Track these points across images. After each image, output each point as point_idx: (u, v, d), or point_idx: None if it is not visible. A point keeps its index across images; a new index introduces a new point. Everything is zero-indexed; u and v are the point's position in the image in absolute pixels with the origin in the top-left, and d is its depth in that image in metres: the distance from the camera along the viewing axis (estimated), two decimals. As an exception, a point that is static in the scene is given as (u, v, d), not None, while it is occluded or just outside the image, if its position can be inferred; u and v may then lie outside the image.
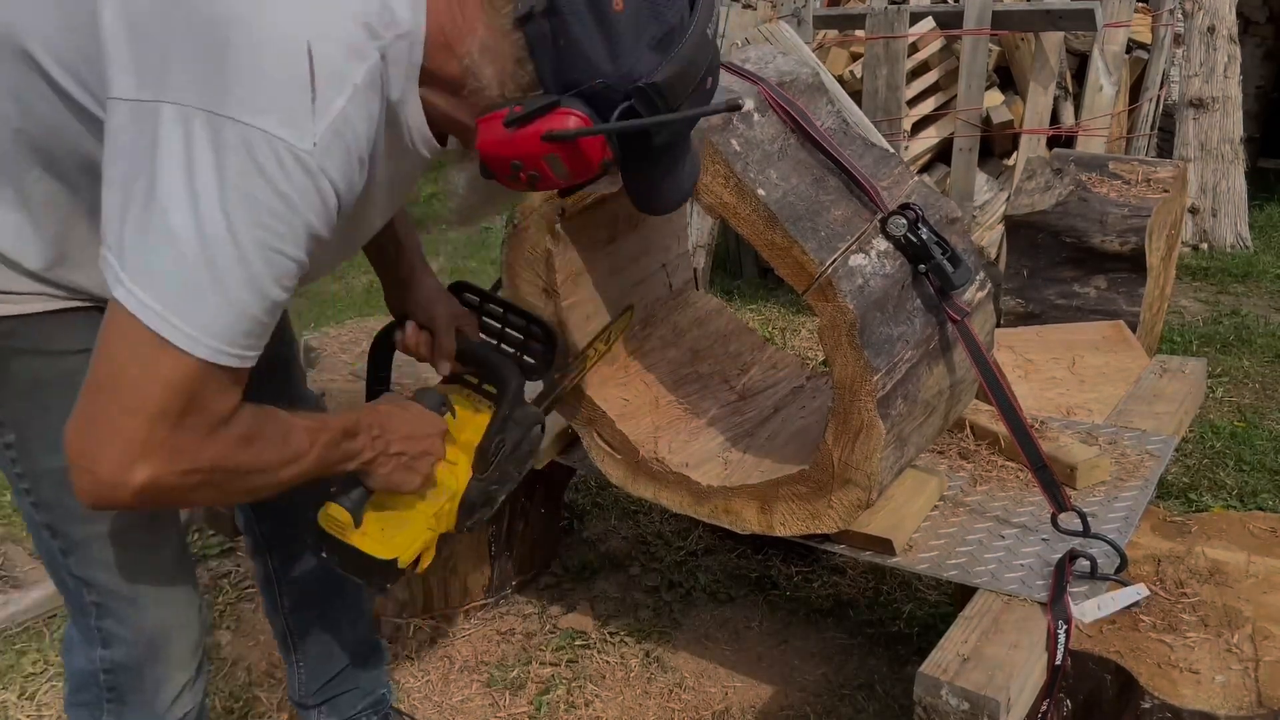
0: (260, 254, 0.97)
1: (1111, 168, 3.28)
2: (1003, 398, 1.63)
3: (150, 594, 1.34)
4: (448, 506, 1.40)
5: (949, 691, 1.35)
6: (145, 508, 1.04)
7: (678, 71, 1.03)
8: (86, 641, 1.36)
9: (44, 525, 1.29)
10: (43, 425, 1.22)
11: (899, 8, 4.76)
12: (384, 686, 1.92)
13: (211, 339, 0.97)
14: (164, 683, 1.38)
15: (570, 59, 1.02)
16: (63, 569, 1.32)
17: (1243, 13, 6.38)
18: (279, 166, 0.95)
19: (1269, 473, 2.98)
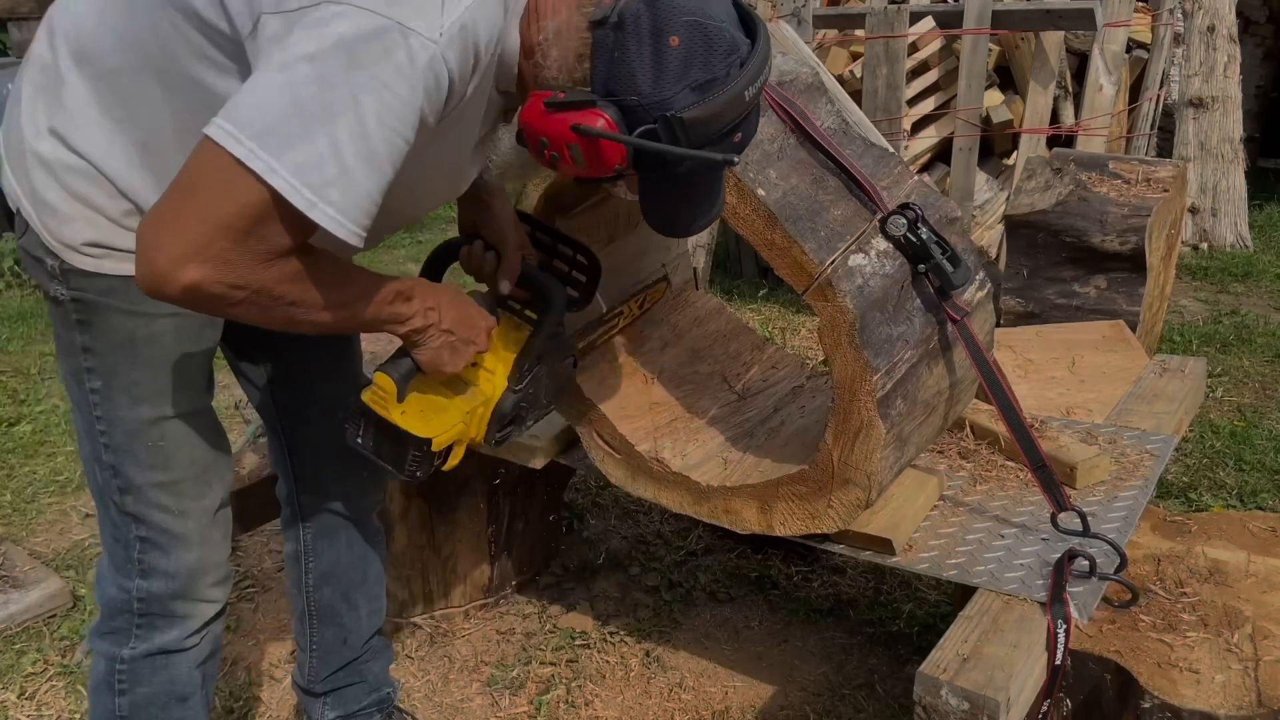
0: (381, 133, 1.06)
1: (1111, 167, 3.28)
2: (1003, 397, 1.63)
3: (195, 535, 1.47)
4: (481, 411, 1.47)
5: (949, 691, 1.35)
6: (190, 305, 1.12)
7: (706, 115, 1.13)
8: (122, 573, 1.47)
9: (109, 465, 1.41)
10: (128, 378, 1.36)
11: (899, 7, 4.76)
12: (389, 685, 1.94)
13: (296, 180, 1.04)
14: (194, 610, 1.51)
15: (619, 70, 1.13)
16: (115, 506, 1.44)
17: (1243, 12, 6.38)
18: (407, 52, 1.05)
19: (1269, 472, 2.98)
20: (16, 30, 6.20)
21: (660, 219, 1.32)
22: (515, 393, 1.49)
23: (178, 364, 1.38)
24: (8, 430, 3.55)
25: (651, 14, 1.11)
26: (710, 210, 1.31)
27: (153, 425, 1.39)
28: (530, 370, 1.50)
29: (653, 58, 1.11)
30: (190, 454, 1.43)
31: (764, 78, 1.18)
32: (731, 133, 1.17)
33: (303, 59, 1.04)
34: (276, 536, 2.80)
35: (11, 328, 4.68)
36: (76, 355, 1.37)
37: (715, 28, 1.13)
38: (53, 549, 2.79)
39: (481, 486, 2.35)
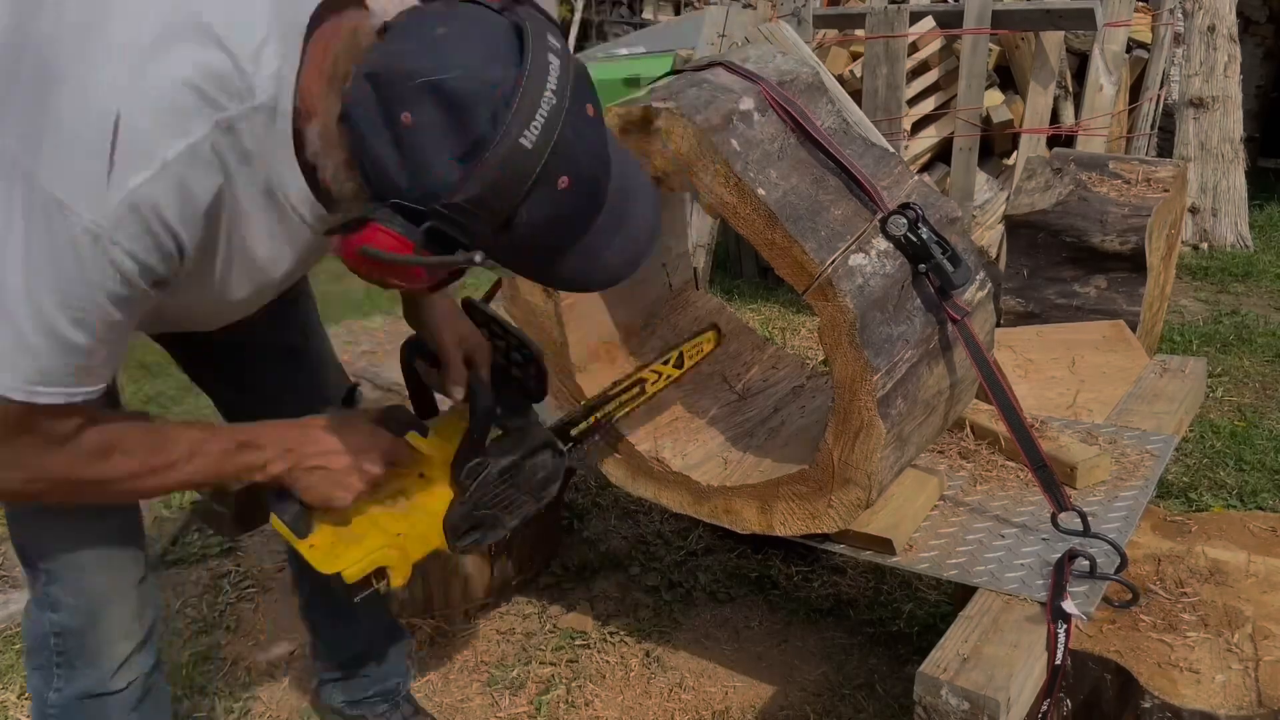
0: (62, 314, 0.99)
1: (1111, 167, 3.28)
2: (1003, 397, 1.63)
3: (93, 561, 1.38)
4: (424, 524, 1.36)
5: (949, 691, 1.35)
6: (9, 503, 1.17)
7: (485, 187, 0.94)
8: (38, 606, 1.41)
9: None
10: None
11: (899, 7, 4.76)
12: (399, 674, 1.95)
13: (20, 379, 1.00)
14: (105, 647, 1.42)
15: (373, 172, 0.97)
16: (16, 536, 1.39)
17: (1243, 12, 6.38)
18: (69, 238, 0.96)
19: (1269, 472, 2.98)
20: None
21: (564, 285, 1.14)
22: (462, 504, 1.37)
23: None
24: (8, 430, 3.55)
25: (376, 94, 0.94)
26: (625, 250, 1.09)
27: None
28: (472, 476, 1.36)
29: (394, 146, 0.94)
30: None
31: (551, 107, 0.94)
32: (543, 185, 0.96)
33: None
34: (276, 537, 2.80)
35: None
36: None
37: (453, 82, 0.92)
38: (53, 549, 2.78)
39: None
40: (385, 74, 0.94)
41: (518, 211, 0.97)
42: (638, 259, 1.12)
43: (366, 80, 0.95)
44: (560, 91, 0.95)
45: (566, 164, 0.97)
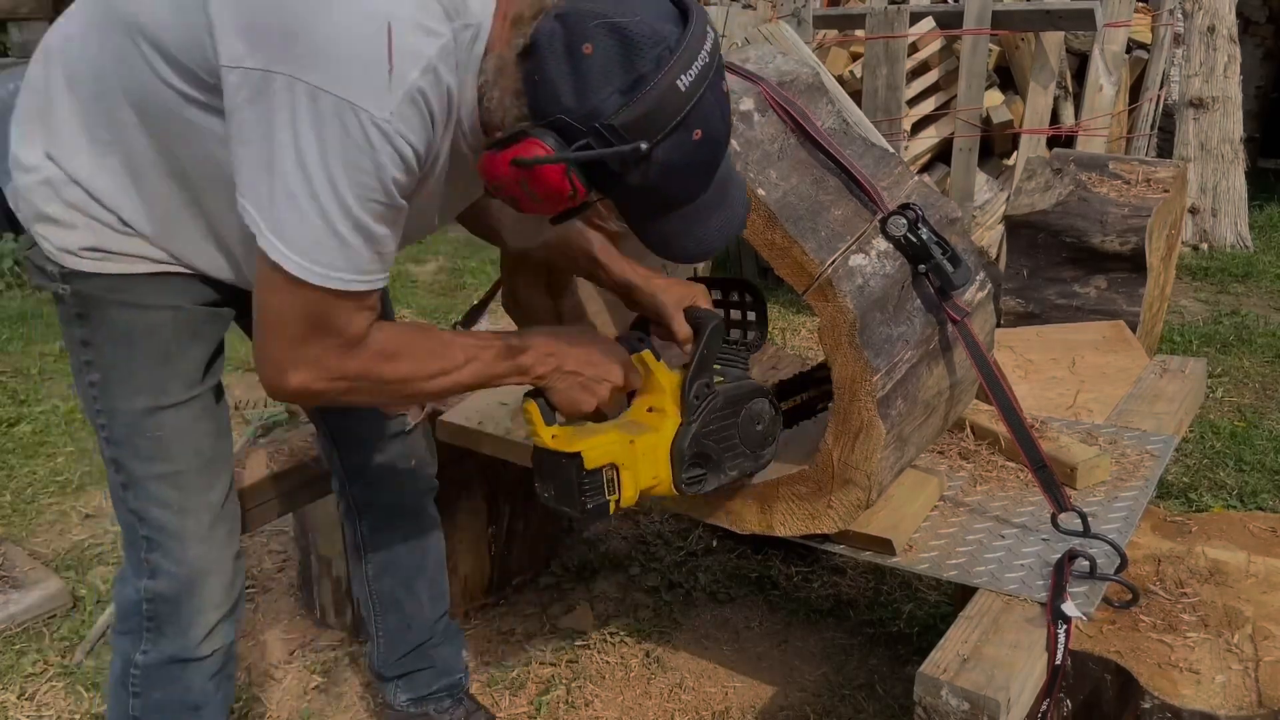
0: (360, 204, 1.12)
1: (1111, 168, 3.28)
2: (1003, 398, 1.63)
3: (195, 533, 1.46)
4: (653, 441, 1.44)
5: (949, 691, 1.35)
6: (311, 403, 1.34)
7: (638, 115, 1.09)
8: (135, 573, 1.48)
9: (111, 460, 1.43)
10: (126, 370, 1.39)
11: (899, 8, 4.76)
12: (460, 670, 1.98)
13: (322, 268, 1.13)
14: (198, 616, 1.49)
15: (544, 93, 1.11)
16: (122, 502, 1.46)
17: (1243, 13, 6.39)
18: (361, 131, 1.08)
19: (1269, 473, 2.98)
20: (17, 31, 6.19)
21: (660, 243, 1.27)
22: (691, 424, 1.44)
23: (175, 355, 1.40)
24: (8, 430, 3.55)
25: (564, 28, 1.10)
26: (721, 227, 1.26)
27: (150, 415, 1.40)
28: (701, 397, 1.44)
29: (571, 71, 1.09)
30: (192, 444, 1.44)
31: (703, 64, 1.12)
32: (683, 130, 1.12)
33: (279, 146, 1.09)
34: (277, 537, 2.80)
35: (11, 328, 4.68)
36: (77, 349, 1.40)
37: (631, 25, 1.09)
38: (53, 549, 2.78)
39: (481, 487, 2.35)
40: (574, 14, 1.10)
41: (657, 148, 1.10)
42: (729, 236, 1.28)
43: (557, 19, 1.10)
44: (713, 56, 1.13)
45: (704, 119, 1.13)
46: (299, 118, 1.08)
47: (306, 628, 2.42)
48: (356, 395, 1.28)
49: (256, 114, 1.10)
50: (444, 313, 4.64)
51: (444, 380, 1.31)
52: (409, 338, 1.29)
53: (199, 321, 1.41)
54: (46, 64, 1.31)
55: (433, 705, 1.94)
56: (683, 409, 1.45)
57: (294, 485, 2.04)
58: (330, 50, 1.07)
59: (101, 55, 1.25)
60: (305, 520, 2.35)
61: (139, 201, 1.30)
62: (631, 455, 1.42)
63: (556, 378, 1.38)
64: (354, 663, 2.28)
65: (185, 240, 1.34)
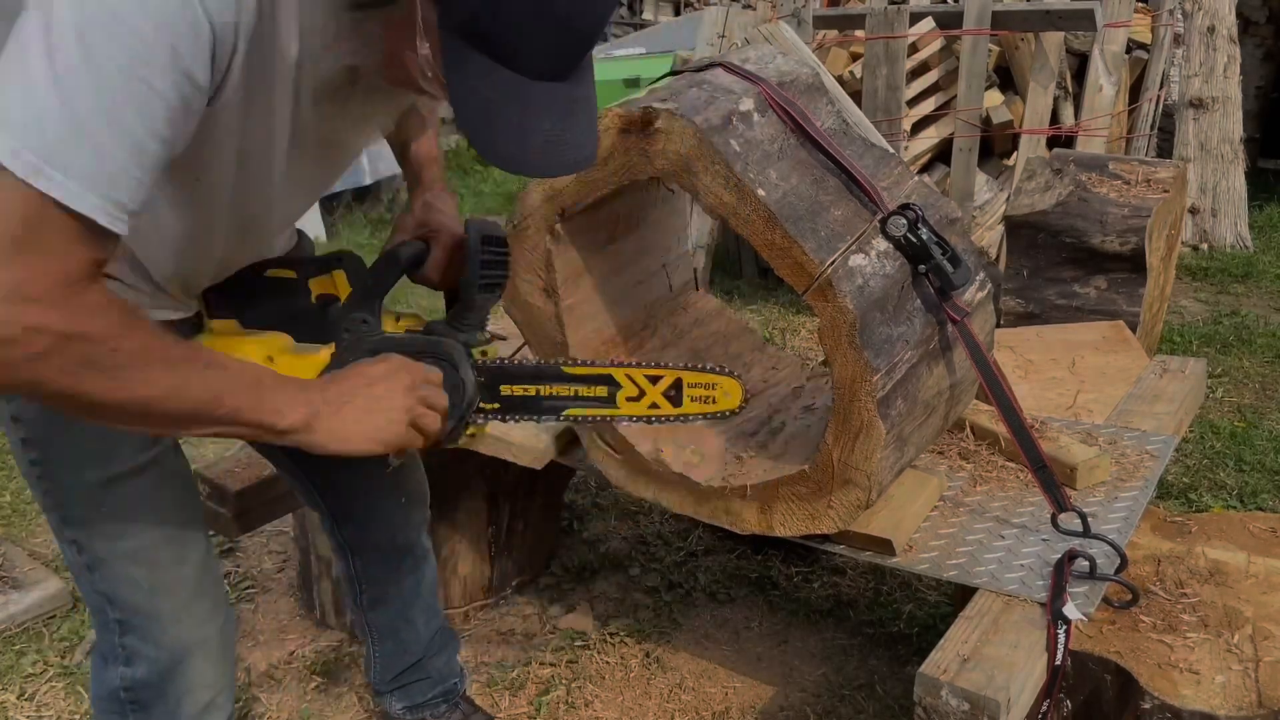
0: (121, 79, 0.85)
1: (1111, 168, 3.28)
2: (1003, 398, 1.63)
3: (171, 612, 1.33)
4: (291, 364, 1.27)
5: (949, 692, 1.35)
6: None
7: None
8: (110, 659, 1.36)
9: (70, 541, 1.30)
10: (65, 441, 1.23)
11: (899, 8, 4.76)
12: (456, 675, 1.97)
13: (50, 166, 0.84)
14: (185, 697, 1.38)
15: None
16: (89, 584, 1.32)
17: (1243, 13, 6.38)
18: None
19: (1269, 473, 2.98)
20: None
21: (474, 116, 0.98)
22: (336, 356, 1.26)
23: None
24: (8, 430, 3.55)
25: None
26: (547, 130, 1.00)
27: (104, 488, 1.25)
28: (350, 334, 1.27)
29: None
30: (155, 515, 1.30)
31: None
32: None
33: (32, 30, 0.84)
34: (277, 537, 2.80)
35: (11, 328, 4.68)
36: (9, 428, 1.25)
37: None
38: (53, 550, 2.78)
39: (481, 487, 2.35)
40: None
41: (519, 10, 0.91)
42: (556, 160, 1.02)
43: None
44: None
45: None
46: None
47: (306, 628, 2.42)
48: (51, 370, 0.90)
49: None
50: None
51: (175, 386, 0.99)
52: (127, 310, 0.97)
53: None
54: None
55: (429, 712, 1.93)
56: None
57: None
58: None
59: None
60: (305, 520, 2.35)
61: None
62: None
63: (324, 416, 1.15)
64: (354, 663, 2.28)
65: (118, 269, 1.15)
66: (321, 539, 2.32)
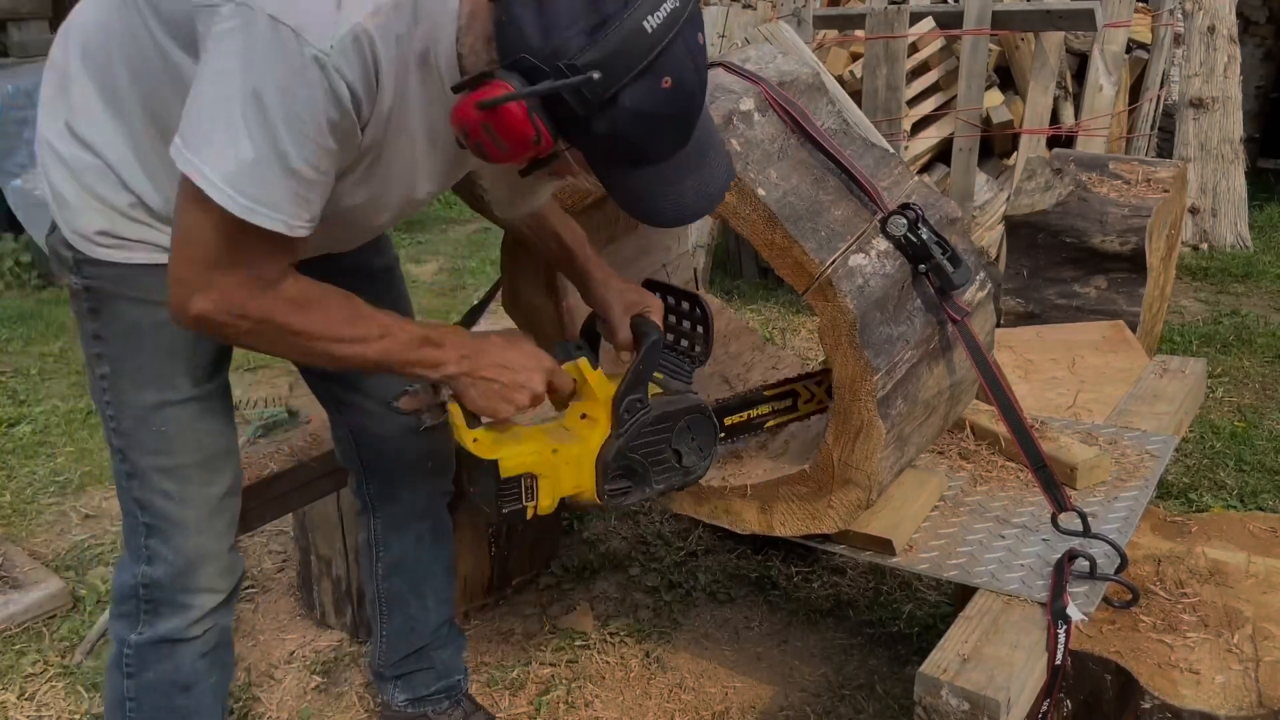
0: (289, 133, 1.09)
1: (1111, 168, 3.28)
2: (1003, 398, 1.63)
3: (194, 523, 1.48)
4: (577, 451, 1.42)
5: (949, 691, 1.35)
6: (211, 334, 1.23)
7: (601, 56, 1.06)
8: (134, 559, 1.51)
9: (118, 450, 1.46)
10: (135, 364, 1.40)
11: (899, 8, 4.76)
12: (460, 672, 1.98)
13: (244, 197, 1.10)
14: (194, 599, 1.52)
15: (509, 36, 1.10)
16: (125, 491, 1.48)
17: (1243, 13, 6.39)
18: (300, 60, 1.07)
19: (1269, 473, 2.98)
20: (17, 31, 6.18)
21: (630, 200, 1.22)
22: (619, 438, 1.42)
23: (183, 351, 1.41)
24: (8, 430, 3.55)
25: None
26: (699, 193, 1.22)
27: (156, 410, 1.42)
28: (632, 411, 1.42)
29: (537, 11, 1.08)
30: (195, 440, 1.46)
31: (672, 9, 1.09)
32: (650, 75, 1.09)
33: (219, 72, 1.08)
34: (277, 537, 2.80)
35: (11, 328, 4.68)
36: (89, 343, 1.42)
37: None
38: (53, 549, 2.78)
39: (481, 487, 2.35)
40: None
41: (623, 92, 1.08)
42: (708, 204, 1.23)
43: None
44: (684, 4, 1.10)
45: (674, 66, 1.10)
46: (243, 42, 1.07)
47: (306, 628, 2.42)
48: (257, 339, 1.24)
49: (212, 44, 1.10)
50: (444, 313, 4.63)
51: (351, 348, 1.28)
52: (325, 295, 1.26)
53: None
54: (65, 39, 1.34)
55: (430, 706, 1.95)
56: (612, 421, 1.43)
57: (294, 485, 2.04)
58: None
59: (106, 21, 1.27)
60: (305, 520, 2.35)
61: (141, 170, 1.31)
62: (552, 465, 1.40)
63: (467, 381, 1.35)
64: (354, 663, 2.28)
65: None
66: (321, 539, 2.32)
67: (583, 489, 1.44)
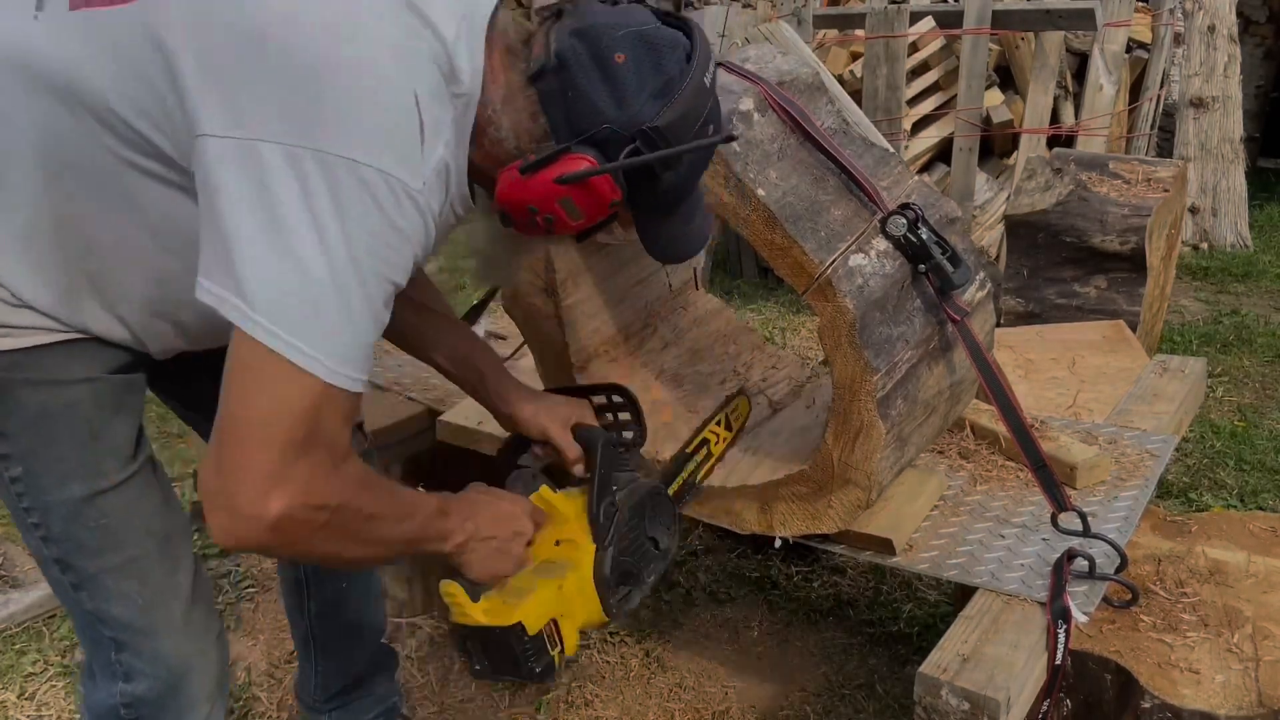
0: (377, 282, 1.03)
1: (1111, 167, 3.28)
2: (1003, 397, 1.63)
3: (166, 625, 1.33)
4: (576, 580, 1.34)
5: (949, 691, 1.35)
6: (279, 546, 1.06)
7: (679, 116, 1.09)
8: (107, 676, 1.35)
9: (54, 560, 1.28)
10: (50, 456, 1.23)
11: (899, 7, 4.76)
12: (395, 694, 1.94)
13: (332, 361, 1.00)
14: (188, 711, 1.38)
15: (578, 108, 1.09)
16: (76, 604, 1.31)
17: (1243, 12, 6.39)
18: (395, 203, 1.01)
19: (1269, 473, 2.98)
20: None
21: (661, 247, 1.27)
22: (607, 548, 1.36)
23: (101, 432, 1.25)
24: (8, 430, 3.55)
25: (586, 43, 1.08)
26: (702, 226, 1.28)
27: (88, 503, 1.25)
28: (609, 517, 1.38)
29: (605, 81, 1.08)
30: (143, 525, 1.30)
31: (714, 62, 1.15)
32: (704, 126, 1.13)
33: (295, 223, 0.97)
34: (276, 536, 2.80)
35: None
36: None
37: (654, 32, 1.11)
38: (53, 549, 2.78)
39: (481, 486, 2.35)
40: (593, 28, 1.09)
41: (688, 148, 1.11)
42: (707, 234, 1.29)
43: (575, 36, 1.09)
44: (711, 57, 1.14)
45: (716, 114, 1.16)
46: (313, 190, 0.97)
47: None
48: (328, 536, 1.07)
49: (243, 185, 0.98)
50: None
51: (402, 528, 1.16)
52: (368, 469, 1.14)
53: (119, 392, 1.26)
54: None
55: None
56: (594, 534, 1.37)
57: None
58: (354, 118, 0.99)
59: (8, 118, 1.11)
60: (305, 520, 2.35)
61: (27, 269, 1.15)
62: (565, 601, 1.33)
63: (473, 548, 1.25)
64: (354, 662, 2.28)
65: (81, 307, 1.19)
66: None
67: (595, 611, 1.37)
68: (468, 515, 1.25)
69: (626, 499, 1.41)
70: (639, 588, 1.42)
